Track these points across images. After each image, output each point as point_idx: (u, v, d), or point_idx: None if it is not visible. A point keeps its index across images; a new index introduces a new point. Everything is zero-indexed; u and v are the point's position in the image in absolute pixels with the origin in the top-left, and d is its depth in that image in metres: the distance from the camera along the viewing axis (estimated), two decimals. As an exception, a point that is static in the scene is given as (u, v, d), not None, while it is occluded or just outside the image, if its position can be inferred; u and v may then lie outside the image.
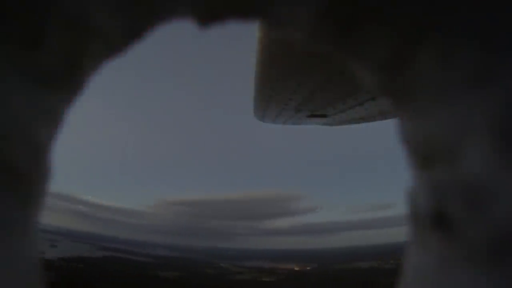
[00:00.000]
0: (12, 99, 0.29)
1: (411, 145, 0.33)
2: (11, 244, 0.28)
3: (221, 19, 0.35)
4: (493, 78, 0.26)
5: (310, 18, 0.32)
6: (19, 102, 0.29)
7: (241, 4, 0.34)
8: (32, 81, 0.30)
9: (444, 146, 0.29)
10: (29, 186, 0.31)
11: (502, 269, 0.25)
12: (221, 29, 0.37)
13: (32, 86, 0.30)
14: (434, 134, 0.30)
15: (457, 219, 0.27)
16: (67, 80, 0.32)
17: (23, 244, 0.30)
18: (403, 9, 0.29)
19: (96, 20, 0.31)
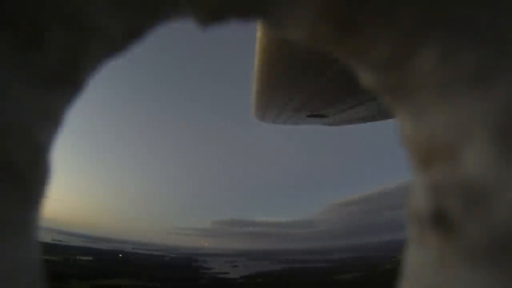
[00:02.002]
0: (11, 99, 0.29)
1: (411, 145, 0.33)
2: (11, 245, 0.28)
3: (222, 19, 0.35)
4: (493, 78, 0.26)
5: (310, 18, 0.32)
6: (19, 102, 0.29)
7: (241, 4, 0.34)
8: (32, 80, 0.30)
9: (444, 146, 0.29)
10: (29, 187, 0.31)
11: (502, 269, 0.25)
12: (221, 29, 0.37)
13: (32, 86, 0.30)
14: (434, 134, 0.30)
15: (457, 219, 0.27)
16: (67, 80, 0.32)
17: (23, 246, 0.30)
18: (403, 9, 0.29)
19: (96, 19, 0.31)
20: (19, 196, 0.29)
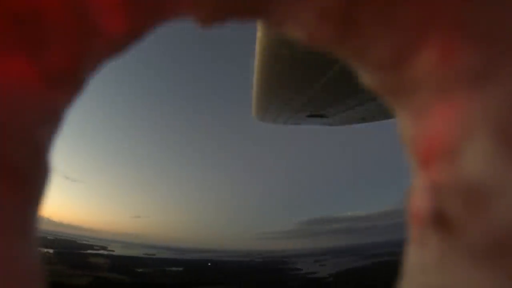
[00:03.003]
0: (11, 99, 0.29)
1: (411, 145, 0.33)
2: (10, 246, 0.28)
3: (222, 18, 0.35)
4: (493, 78, 0.26)
5: (310, 17, 0.32)
6: (19, 102, 0.29)
7: (241, 4, 0.34)
8: (32, 80, 0.30)
9: (444, 146, 0.28)
10: (29, 187, 0.31)
11: (502, 269, 0.25)
12: (221, 28, 0.37)
13: (32, 86, 0.30)
14: (434, 134, 0.30)
15: (457, 219, 0.27)
16: (67, 80, 0.32)
17: (23, 247, 0.30)
18: (403, 8, 0.29)
19: (96, 18, 0.31)
20: (18, 196, 0.29)
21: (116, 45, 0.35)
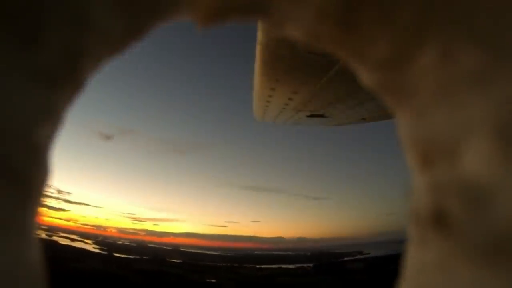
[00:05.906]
0: (11, 99, 0.29)
1: (411, 145, 0.33)
2: (11, 245, 0.28)
3: (222, 18, 0.35)
4: (493, 78, 0.26)
5: (310, 18, 0.32)
6: (19, 102, 0.29)
7: (241, 4, 0.34)
8: (32, 80, 0.30)
9: (444, 146, 0.29)
10: (28, 186, 0.31)
11: (502, 269, 0.25)
12: (221, 28, 0.37)
13: (31, 86, 0.30)
14: (434, 134, 0.30)
15: (457, 219, 0.27)
16: (67, 79, 0.32)
17: (23, 246, 0.30)
18: (403, 9, 0.29)
19: (96, 18, 0.31)
20: (18, 196, 0.29)
21: (116, 45, 0.35)
